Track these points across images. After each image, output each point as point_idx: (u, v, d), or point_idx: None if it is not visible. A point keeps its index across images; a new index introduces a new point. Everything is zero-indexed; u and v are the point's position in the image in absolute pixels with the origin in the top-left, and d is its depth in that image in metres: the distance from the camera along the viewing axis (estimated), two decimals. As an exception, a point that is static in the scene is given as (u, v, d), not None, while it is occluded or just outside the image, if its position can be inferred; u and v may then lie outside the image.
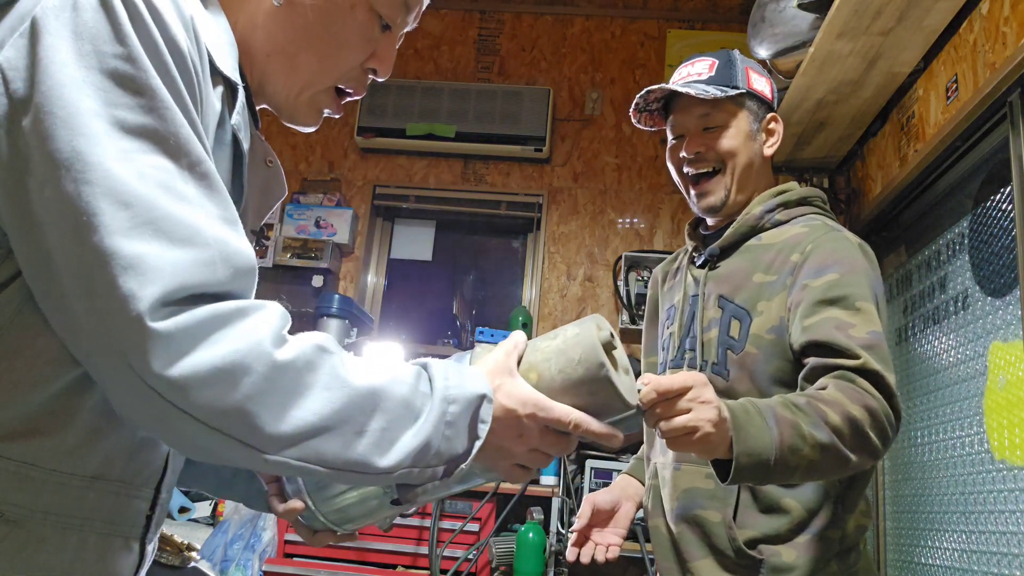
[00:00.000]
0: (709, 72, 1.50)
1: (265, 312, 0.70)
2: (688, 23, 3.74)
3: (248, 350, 0.66)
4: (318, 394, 0.70)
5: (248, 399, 0.66)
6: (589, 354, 0.85)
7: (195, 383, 0.64)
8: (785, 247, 1.42)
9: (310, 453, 0.70)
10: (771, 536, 1.34)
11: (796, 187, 1.54)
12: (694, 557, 1.39)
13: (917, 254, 2.60)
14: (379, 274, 3.77)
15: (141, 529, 0.80)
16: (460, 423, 0.78)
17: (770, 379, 1.37)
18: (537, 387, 0.85)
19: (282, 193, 0.99)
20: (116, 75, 0.66)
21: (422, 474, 0.77)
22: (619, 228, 3.56)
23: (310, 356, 0.71)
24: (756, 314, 1.40)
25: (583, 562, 1.48)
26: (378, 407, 0.73)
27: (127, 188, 0.64)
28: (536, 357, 0.88)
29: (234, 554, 2.67)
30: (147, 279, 0.63)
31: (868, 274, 1.35)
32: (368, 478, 0.75)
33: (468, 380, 0.80)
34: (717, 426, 1.05)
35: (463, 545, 2.74)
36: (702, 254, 1.54)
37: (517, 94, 3.58)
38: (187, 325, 0.64)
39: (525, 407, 0.82)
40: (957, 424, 2.22)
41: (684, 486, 1.42)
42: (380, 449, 0.73)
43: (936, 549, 2.27)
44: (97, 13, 0.67)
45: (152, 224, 0.64)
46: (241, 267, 0.70)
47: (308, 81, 0.89)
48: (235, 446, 0.68)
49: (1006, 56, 1.88)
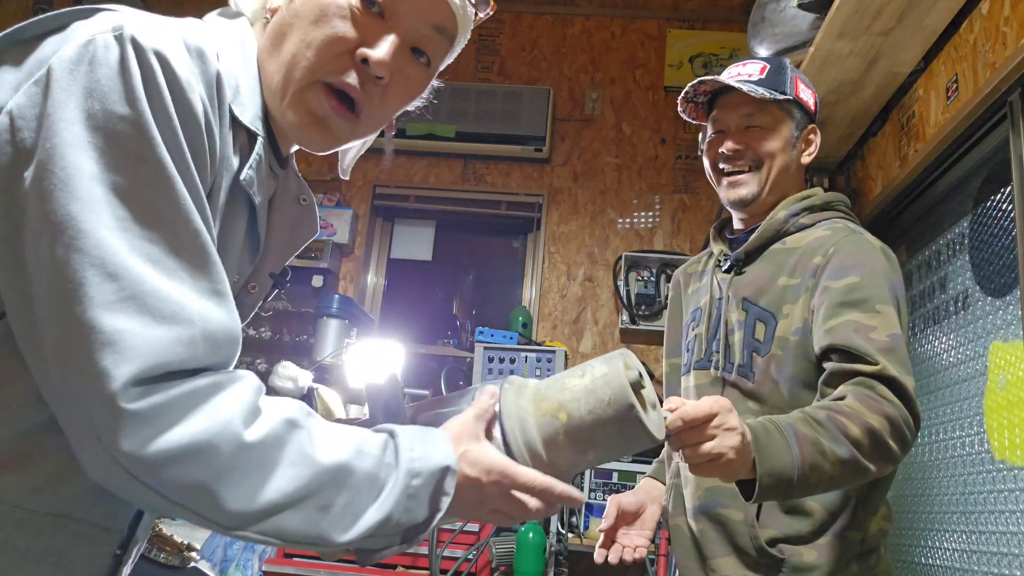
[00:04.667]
0: (760, 75, 1.52)
1: (239, 386, 0.70)
2: (688, 23, 3.74)
3: (218, 431, 0.66)
4: (284, 471, 0.70)
5: (214, 479, 0.66)
6: (619, 396, 0.86)
7: (163, 462, 0.64)
8: (808, 250, 1.44)
9: (270, 528, 0.70)
10: (792, 536, 1.35)
11: (820, 192, 1.56)
12: (716, 555, 1.41)
13: (917, 254, 2.60)
14: (379, 274, 3.77)
15: (106, 569, 0.79)
16: (422, 495, 0.78)
17: (795, 380, 1.39)
18: (567, 426, 0.86)
19: (312, 233, 0.97)
20: (121, 139, 0.66)
21: (379, 542, 0.78)
22: (619, 228, 3.55)
23: (279, 433, 0.71)
24: (781, 316, 1.41)
25: (611, 562, 1.49)
26: (344, 483, 0.73)
27: (116, 260, 0.64)
28: (565, 396, 0.88)
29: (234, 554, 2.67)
30: (123, 357, 0.63)
31: (889, 276, 1.37)
32: (326, 549, 0.75)
33: (433, 451, 0.79)
34: (740, 452, 1.07)
35: (463, 545, 2.73)
36: (728, 258, 1.55)
37: (517, 94, 3.58)
38: (159, 404, 0.64)
39: (490, 475, 0.82)
40: (957, 424, 2.22)
41: (707, 484, 1.44)
42: (342, 525, 0.73)
43: (936, 549, 2.27)
44: (112, 71, 0.66)
45: (137, 299, 0.64)
46: (222, 341, 0.69)
47: (286, 76, 0.81)
48: (197, 519, 0.69)
49: (1006, 56, 1.88)
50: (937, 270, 2.45)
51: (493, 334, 3.15)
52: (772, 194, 1.52)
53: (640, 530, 1.55)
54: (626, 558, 1.49)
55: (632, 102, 3.69)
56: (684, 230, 3.52)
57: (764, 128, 1.51)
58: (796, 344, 1.39)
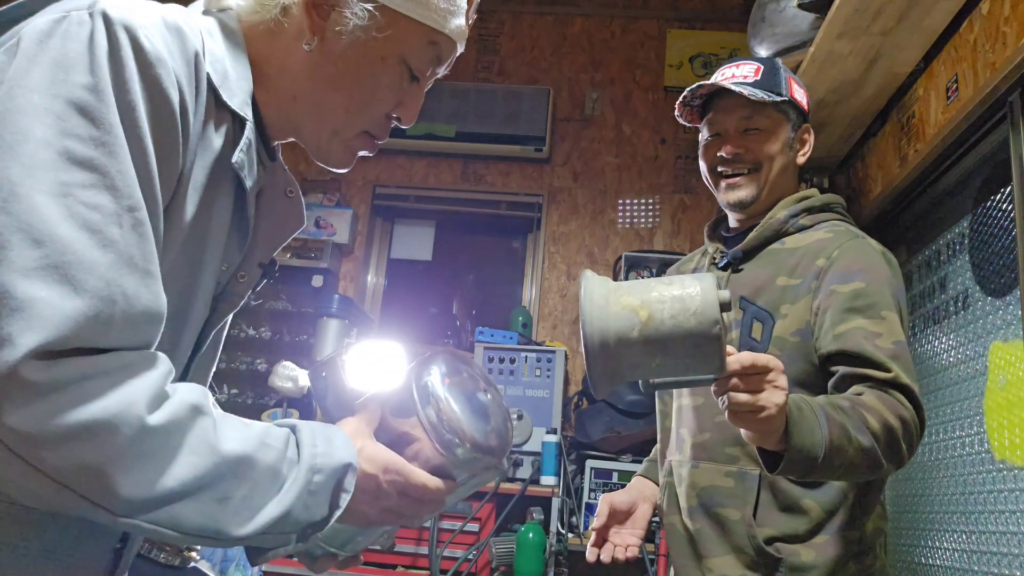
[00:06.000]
0: (755, 76, 1.52)
1: (148, 369, 0.68)
2: (688, 23, 3.74)
3: (119, 411, 0.64)
4: (184, 459, 0.68)
5: (109, 461, 0.64)
6: (708, 310, 0.85)
7: (55, 440, 0.62)
8: (810, 251, 1.44)
9: (164, 518, 0.68)
10: (790, 535, 1.36)
11: (818, 194, 1.56)
12: (712, 554, 1.41)
13: (917, 254, 2.60)
14: (379, 274, 3.77)
15: (107, 565, 0.79)
16: (323, 492, 0.77)
17: (792, 381, 1.38)
18: (645, 325, 0.85)
19: (299, 224, 0.99)
20: (78, 104, 0.66)
21: (275, 540, 0.76)
22: (619, 228, 3.55)
23: (183, 419, 0.68)
24: (779, 316, 1.41)
25: (603, 561, 1.50)
26: (244, 475, 0.72)
27: (46, 227, 0.63)
28: (650, 296, 0.87)
29: (234, 554, 2.67)
30: (30, 326, 0.60)
31: (891, 283, 1.38)
32: (220, 543, 0.74)
33: (335, 447, 0.79)
34: (780, 413, 1.07)
35: (463, 545, 2.73)
36: (725, 256, 1.55)
37: (517, 94, 3.58)
38: (60, 379, 0.62)
39: (387, 473, 0.82)
40: (957, 424, 2.22)
41: (703, 484, 1.44)
42: (239, 518, 0.72)
43: (936, 549, 2.27)
44: (81, 44, 0.67)
45: (60, 268, 0.62)
46: (142, 322, 0.67)
47: (335, 128, 0.90)
48: (82, 503, 0.65)
49: (1006, 56, 1.88)
50: (937, 270, 2.45)
51: (493, 334, 3.15)
52: (770, 196, 1.53)
53: (632, 529, 1.55)
54: (618, 557, 1.50)
55: (632, 102, 3.69)
56: (684, 230, 3.52)
57: (763, 131, 1.51)
58: (796, 345, 1.38)
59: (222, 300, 0.89)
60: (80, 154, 0.65)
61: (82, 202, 0.64)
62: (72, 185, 0.64)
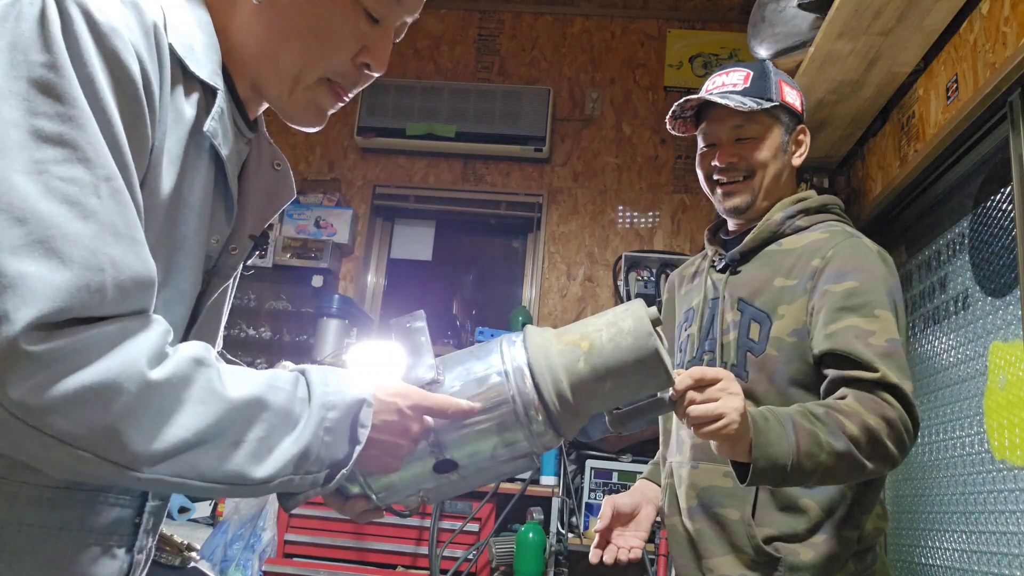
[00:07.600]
0: (744, 83, 1.52)
1: (146, 330, 0.69)
2: (688, 23, 3.74)
3: (121, 369, 0.65)
4: (192, 409, 0.69)
5: (119, 419, 0.65)
6: (640, 326, 0.92)
7: (63, 406, 0.63)
8: (806, 252, 1.45)
9: (184, 468, 0.69)
10: (789, 535, 1.36)
11: (815, 195, 1.56)
12: (712, 554, 1.42)
13: (917, 254, 2.60)
14: (379, 274, 3.77)
15: (128, 537, 0.79)
16: (340, 429, 0.78)
17: (789, 381, 1.40)
18: (588, 354, 0.91)
19: (290, 196, 0.99)
20: (40, 83, 0.66)
21: (303, 481, 0.77)
22: (619, 228, 3.56)
23: (186, 371, 0.70)
24: (777, 317, 1.42)
25: (606, 562, 1.51)
26: (256, 417, 0.73)
27: (26, 204, 0.63)
28: (587, 329, 0.94)
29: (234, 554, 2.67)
30: (24, 300, 0.62)
31: (887, 281, 1.39)
32: (246, 489, 0.74)
33: (348, 385, 0.80)
34: (742, 419, 1.12)
35: (463, 545, 2.73)
36: (723, 258, 1.56)
37: (517, 94, 3.58)
38: (60, 348, 0.63)
39: (406, 398, 0.84)
40: (957, 424, 2.22)
41: (702, 484, 1.45)
42: (257, 459, 0.73)
43: (936, 549, 2.27)
44: (33, 23, 0.67)
45: (45, 243, 0.63)
46: (132, 288, 0.68)
47: (295, 77, 0.87)
48: (103, 465, 0.66)
49: (1006, 56, 1.88)
50: (937, 270, 2.45)
51: (493, 334, 3.15)
52: (766, 200, 1.54)
53: (635, 531, 1.57)
54: (621, 558, 1.51)
55: (632, 102, 3.69)
56: (684, 230, 3.52)
57: (754, 139, 1.52)
58: (793, 345, 1.40)
59: (214, 274, 0.89)
60: (49, 131, 0.66)
61: (58, 177, 0.65)
62: (46, 162, 0.65)
